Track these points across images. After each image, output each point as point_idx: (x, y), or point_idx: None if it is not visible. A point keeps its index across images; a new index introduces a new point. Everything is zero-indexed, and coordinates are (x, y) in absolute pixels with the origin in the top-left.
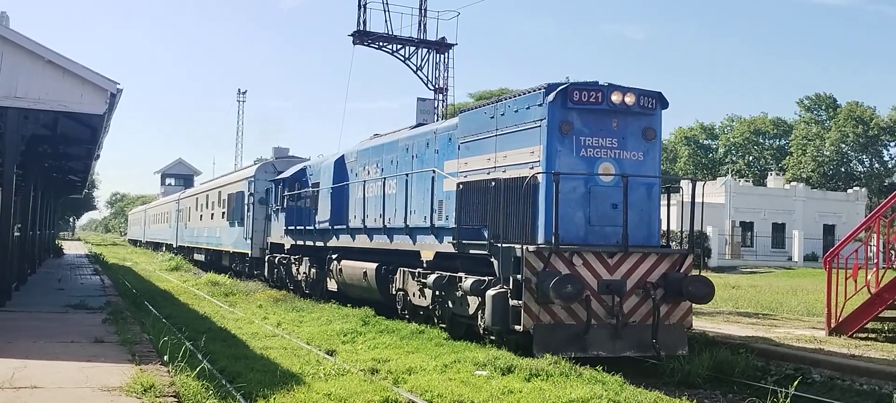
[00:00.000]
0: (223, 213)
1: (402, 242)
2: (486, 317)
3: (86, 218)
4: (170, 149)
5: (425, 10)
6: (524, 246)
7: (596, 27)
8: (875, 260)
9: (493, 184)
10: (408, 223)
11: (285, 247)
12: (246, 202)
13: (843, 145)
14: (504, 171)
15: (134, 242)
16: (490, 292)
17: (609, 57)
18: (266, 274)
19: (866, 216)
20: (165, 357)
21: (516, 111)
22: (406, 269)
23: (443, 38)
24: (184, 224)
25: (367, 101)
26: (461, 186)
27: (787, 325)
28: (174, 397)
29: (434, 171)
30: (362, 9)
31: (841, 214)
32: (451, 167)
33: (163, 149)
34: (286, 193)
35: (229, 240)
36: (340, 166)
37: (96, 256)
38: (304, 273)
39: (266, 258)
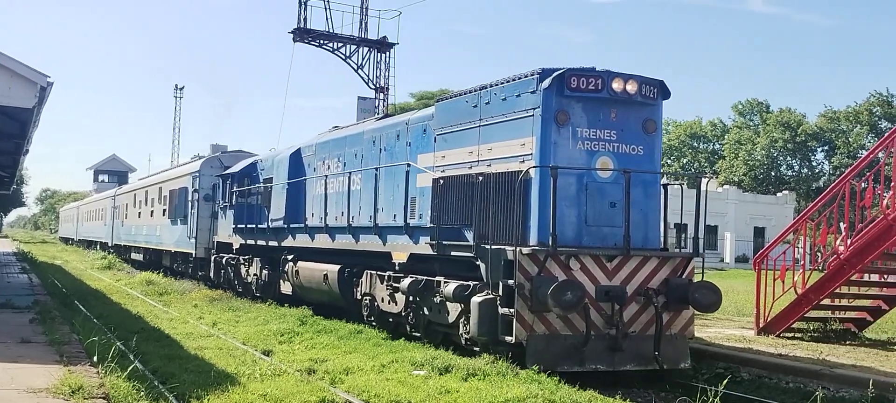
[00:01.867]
0: (164, 211)
1: (369, 243)
2: (472, 327)
3: (14, 215)
4: (103, 145)
5: (367, 8)
6: (518, 249)
7: (534, 29)
8: (802, 262)
9: (480, 178)
10: (377, 222)
11: (234, 247)
12: (190, 198)
13: (773, 150)
14: (489, 166)
15: (66, 240)
16: (476, 299)
17: (551, 60)
18: (211, 275)
19: (794, 219)
20: (95, 358)
21: (504, 99)
22: (374, 272)
23: (384, 38)
24: (120, 221)
25: (308, 99)
26: (441, 182)
27: (718, 325)
28: (104, 398)
29: (409, 165)
30: (303, 6)
31: (771, 217)
32: (427, 161)
33: (95, 145)
34: (235, 189)
35: (171, 239)
36: (297, 160)
37: (25, 254)
38: (255, 275)
39: (212, 258)
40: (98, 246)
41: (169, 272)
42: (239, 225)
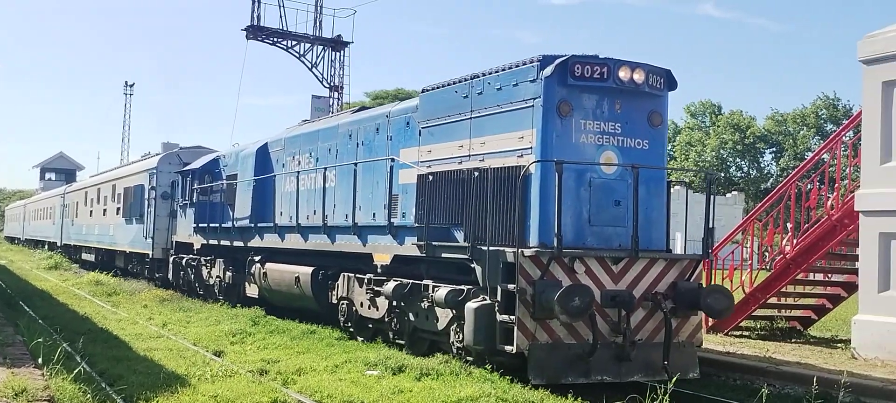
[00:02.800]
0: (118, 209)
1: (347, 243)
2: (467, 335)
3: None
4: (49, 142)
5: (321, 7)
6: (519, 250)
7: (488, 30)
8: (750, 262)
9: (476, 174)
10: (356, 221)
11: (195, 248)
12: (146, 196)
13: (723, 151)
14: (481, 160)
15: (11, 239)
16: (471, 305)
17: (504, 59)
18: (170, 276)
19: (743, 219)
20: (40, 360)
21: (499, 88)
22: (352, 275)
23: (339, 36)
24: (71, 220)
25: (261, 97)
26: (431, 178)
27: None
28: (48, 401)
29: (393, 160)
30: (256, 4)
31: (720, 217)
32: (410, 155)
33: (41, 144)
34: (196, 186)
35: (125, 239)
36: (264, 156)
37: None
38: (218, 276)
39: (170, 259)
40: (46, 246)
41: (123, 274)
42: (201, 225)
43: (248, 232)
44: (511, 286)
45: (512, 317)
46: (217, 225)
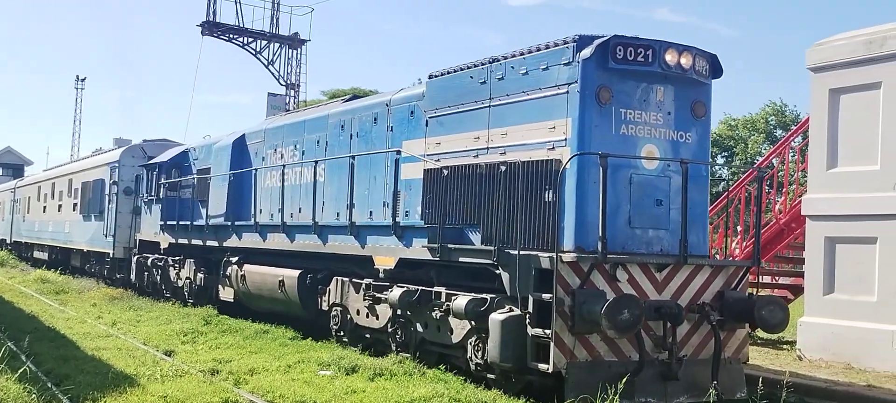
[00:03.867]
0: (75, 205)
1: (342, 244)
2: (491, 350)
3: None
4: None
5: (278, 4)
6: (557, 255)
7: (448, 29)
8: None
9: (504, 169)
10: (353, 220)
11: (161, 247)
12: (107, 192)
13: None
14: (503, 153)
15: None
16: (497, 316)
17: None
18: (132, 277)
19: None
20: None
21: (525, 73)
22: (346, 280)
23: (296, 34)
24: (21, 216)
25: (217, 95)
26: (445, 172)
27: None
28: None
29: (398, 153)
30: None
31: None
32: (415, 148)
33: None
34: (163, 181)
35: (83, 237)
36: (241, 148)
37: None
38: (188, 278)
39: (134, 259)
40: None
41: (81, 274)
42: (169, 222)
43: (223, 230)
44: (546, 295)
45: (547, 332)
46: (188, 222)
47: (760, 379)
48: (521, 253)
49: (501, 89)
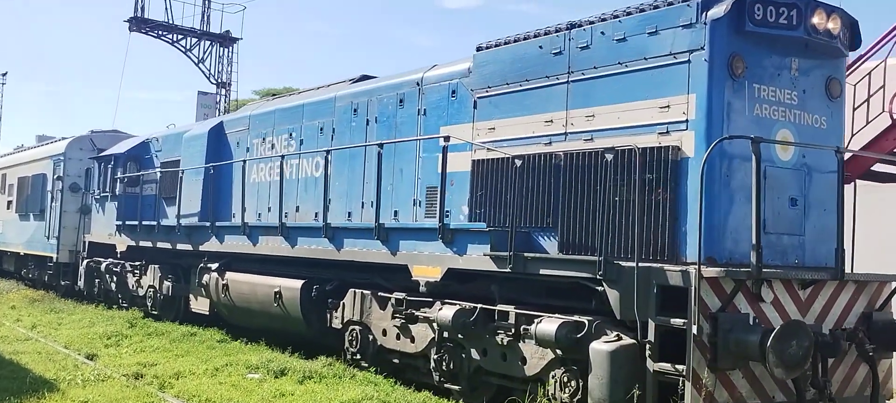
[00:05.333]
0: (9, 203)
1: (364, 251)
2: (596, 390)
3: None
4: None
5: (209, 1)
6: (698, 268)
7: (385, 31)
8: None
9: (609, 158)
10: (380, 221)
11: (118, 250)
12: (50, 188)
13: None
14: (589, 139)
15: None
16: (601, 346)
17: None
18: (80, 285)
19: None
20: None
21: (622, 39)
22: (367, 293)
23: (227, 32)
24: None
25: (146, 91)
26: (519, 162)
27: None
28: None
29: (447, 139)
30: None
31: None
32: (459, 134)
33: None
34: (120, 176)
35: (19, 239)
36: (218, 137)
37: None
38: (152, 286)
39: (82, 264)
40: None
41: (17, 279)
42: (128, 222)
43: (199, 232)
44: (677, 321)
45: (679, 367)
46: (153, 223)
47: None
48: (640, 265)
49: (586, 60)
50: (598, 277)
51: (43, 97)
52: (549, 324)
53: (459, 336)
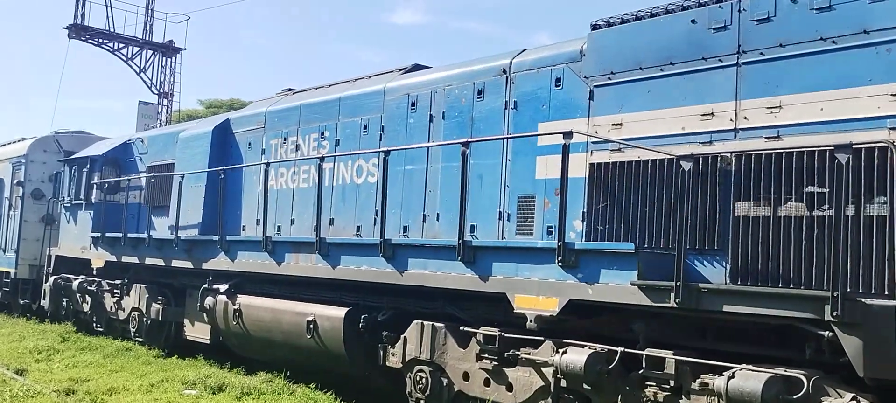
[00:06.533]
0: None
1: (441, 274)
2: None
3: None
4: None
5: (152, 10)
6: None
7: (329, 46)
8: None
9: (842, 158)
10: (463, 237)
11: (93, 266)
12: (6, 194)
13: None
14: (775, 135)
15: None
16: None
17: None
18: (45, 304)
19: None
20: None
21: (827, 7)
22: (440, 326)
23: (170, 42)
24: None
25: (86, 99)
26: (687, 166)
27: None
28: None
29: (570, 134)
30: (81, 2)
31: None
32: (573, 129)
33: None
34: (98, 181)
35: None
36: (223, 138)
37: None
38: (136, 309)
39: (47, 281)
40: None
41: None
42: (107, 234)
43: (203, 247)
44: None
45: None
46: (143, 235)
47: None
48: (882, 303)
49: (766, 36)
50: (830, 318)
51: None
52: (750, 380)
53: (586, 386)
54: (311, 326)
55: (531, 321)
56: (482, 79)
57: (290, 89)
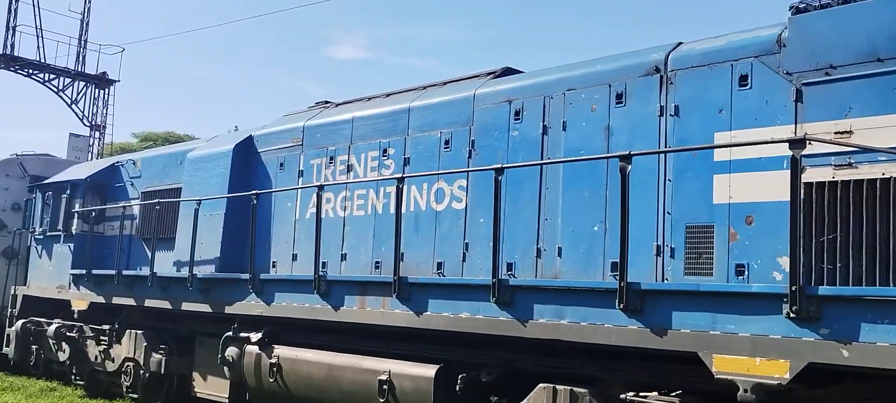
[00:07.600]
0: None
1: (589, 325)
2: None
3: None
4: None
5: (86, 41)
6: None
7: (275, 79)
8: None
9: None
10: (622, 280)
11: (74, 310)
12: None
13: None
14: None
15: None
16: None
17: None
18: (10, 352)
19: None
20: None
21: None
22: (582, 392)
23: (104, 73)
24: None
25: (15, 130)
26: None
27: None
28: None
29: (798, 145)
30: (10, 31)
31: None
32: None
33: None
34: (81, 209)
35: None
36: (245, 158)
37: None
38: (131, 359)
39: (13, 325)
40: None
41: None
42: (94, 272)
43: (224, 287)
44: None
45: None
46: (145, 272)
47: None
48: None
49: None
50: None
51: None
52: None
53: None
54: (386, 388)
55: (746, 390)
56: (622, 80)
57: (327, 102)
